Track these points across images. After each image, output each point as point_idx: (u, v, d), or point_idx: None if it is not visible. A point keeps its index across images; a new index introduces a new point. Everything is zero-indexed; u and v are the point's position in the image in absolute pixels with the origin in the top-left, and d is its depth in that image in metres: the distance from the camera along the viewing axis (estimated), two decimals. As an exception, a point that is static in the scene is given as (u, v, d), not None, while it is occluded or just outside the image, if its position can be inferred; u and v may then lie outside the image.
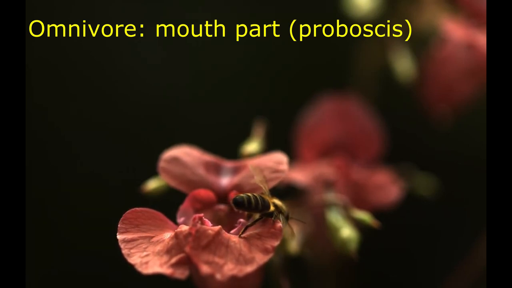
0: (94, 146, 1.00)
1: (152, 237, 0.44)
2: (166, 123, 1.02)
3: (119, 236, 0.44)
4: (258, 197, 0.45)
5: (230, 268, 0.42)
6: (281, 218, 0.45)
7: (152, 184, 0.51)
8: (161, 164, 0.48)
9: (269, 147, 0.53)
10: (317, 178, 0.57)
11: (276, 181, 0.46)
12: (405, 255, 1.00)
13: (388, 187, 0.59)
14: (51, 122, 1.01)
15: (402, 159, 0.62)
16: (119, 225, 0.44)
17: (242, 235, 0.44)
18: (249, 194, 0.45)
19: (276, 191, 0.47)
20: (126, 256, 0.43)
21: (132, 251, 0.43)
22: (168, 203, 0.47)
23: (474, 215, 0.88)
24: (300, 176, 0.57)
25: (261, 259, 0.42)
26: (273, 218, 0.45)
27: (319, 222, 0.54)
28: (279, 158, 0.48)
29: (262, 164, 0.47)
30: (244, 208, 0.45)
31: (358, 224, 0.50)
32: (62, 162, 1.00)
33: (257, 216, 0.45)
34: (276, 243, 0.43)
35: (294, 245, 0.51)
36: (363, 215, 0.50)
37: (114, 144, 1.01)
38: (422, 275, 0.98)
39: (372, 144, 0.63)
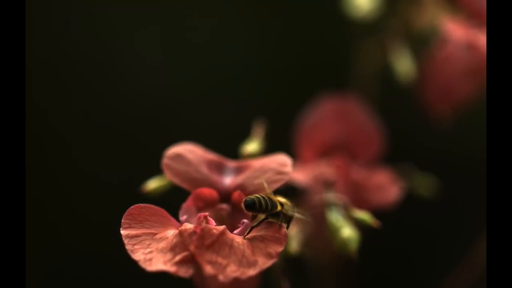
0: (94, 147, 1.00)
1: (156, 234, 0.44)
2: (166, 124, 1.02)
3: (122, 232, 0.43)
4: (267, 198, 0.45)
5: (233, 270, 0.41)
6: (288, 213, 0.45)
7: (152, 184, 0.51)
8: (165, 161, 0.48)
9: (269, 147, 0.53)
10: (317, 178, 0.57)
11: (279, 183, 0.46)
12: (405, 255, 1.00)
13: (388, 187, 0.59)
14: (51, 122, 1.01)
15: (402, 159, 0.62)
16: (122, 220, 0.44)
17: (247, 236, 0.44)
18: (258, 195, 0.45)
19: (277, 191, 0.47)
20: (129, 252, 0.42)
21: (135, 247, 0.43)
22: (168, 204, 0.47)
23: (474, 215, 0.88)
24: (300, 176, 0.57)
25: (264, 263, 0.42)
26: (279, 222, 0.44)
27: (319, 222, 0.54)
28: (283, 160, 0.47)
29: (266, 165, 0.47)
30: (255, 210, 0.44)
31: (358, 224, 0.50)
32: (61, 162, 1.00)
33: (262, 216, 0.45)
34: (280, 248, 0.43)
35: (294, 245, 0.51)
36: (363, 215, 0.50)
37: (114, 144, 1.01)
38: (422, 275, 0.98)
39: (372, 144, 0.63)
